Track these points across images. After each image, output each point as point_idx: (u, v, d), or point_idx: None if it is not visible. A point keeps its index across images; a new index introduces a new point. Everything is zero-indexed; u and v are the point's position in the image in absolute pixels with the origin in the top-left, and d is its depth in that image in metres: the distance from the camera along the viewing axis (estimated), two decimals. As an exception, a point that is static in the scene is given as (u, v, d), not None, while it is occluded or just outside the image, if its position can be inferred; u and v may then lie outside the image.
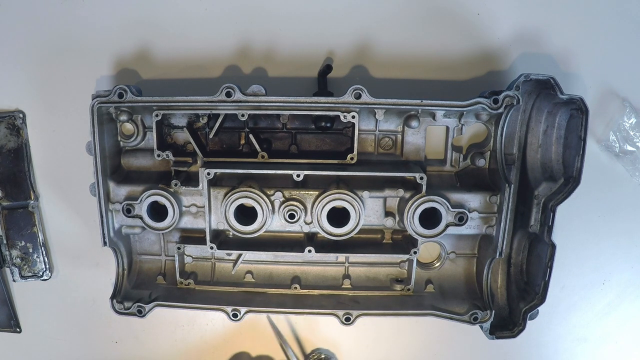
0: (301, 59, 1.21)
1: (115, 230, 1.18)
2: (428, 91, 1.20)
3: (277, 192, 1.15)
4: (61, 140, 1.29)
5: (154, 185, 1.15)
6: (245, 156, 1.18)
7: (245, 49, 1.22)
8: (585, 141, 1.09)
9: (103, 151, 1.13)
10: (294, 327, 1.37)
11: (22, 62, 1.26)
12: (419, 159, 1.21)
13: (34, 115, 1.28)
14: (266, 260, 1.28)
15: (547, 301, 1.15)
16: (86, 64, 1.24)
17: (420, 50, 1.22)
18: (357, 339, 1.37)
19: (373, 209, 1.18)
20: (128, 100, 1.08)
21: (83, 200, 1.29)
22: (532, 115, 1.19)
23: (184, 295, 1.22)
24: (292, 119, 1.19)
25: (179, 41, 1.22)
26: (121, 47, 1.23)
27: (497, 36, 1.22)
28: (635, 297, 1.35)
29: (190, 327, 1.38)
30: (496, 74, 1.22)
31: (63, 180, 1.31)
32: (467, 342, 1.35)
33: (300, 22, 1.21)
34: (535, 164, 1.20)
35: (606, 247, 1.32)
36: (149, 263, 1.29)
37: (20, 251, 1.32)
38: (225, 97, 1.07)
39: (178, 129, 1.19)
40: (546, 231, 1.14)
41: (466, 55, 1.22)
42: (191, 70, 1.22)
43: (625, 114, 1.24)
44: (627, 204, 1.29)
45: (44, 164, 1.30)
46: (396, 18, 1.21)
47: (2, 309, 1.35)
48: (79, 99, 1.24)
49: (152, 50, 1.23)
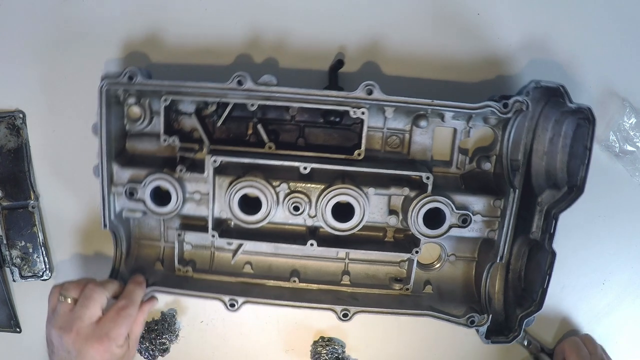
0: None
1: (116, 213, 1.17)
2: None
3: (282, 184, 1.15)
4: (61, 140, 1.29)
5: (158, 169, 1.14)
6: (252, 146, 1.17)
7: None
8: (591, 151, 1.10)
9: (109, 133, 1.11)
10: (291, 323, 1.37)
11: (22, 62, 1.25)
12: (426, 159, 1.21)
13: (34, 115, 1.28)
14: (266, 252, 1.28)
15: (547, 301, 1.15)
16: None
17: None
18: (355, 337, 1.37)
19: (377, 206, 1.18)
20: (138, 83, 1.07)
21: (83, 201, 1.30)
22: (539, 123, 1.19)
23: (181, 283, 1.22)
24: (301, 112, 1.19)
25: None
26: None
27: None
28: (635, 297, 1.35)
29: (191, 328, 1.38)
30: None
31: (63, 180, 1.31)
32: (464, 343, 1.35)
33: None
34: (540, 171, 1.20)
35: (606, 247, 1.32)
36: (147, 248, 1.28)
37: (20, 251, 1.31)
38: (237, 85, 1.06)
39: (186, 115, 1.19)
40: (547, 238, 1.14)
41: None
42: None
43: (625, 114, 1.24)
44: (627, 204, 1.30)
45: (44, 164, 1.30)
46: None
47: (2, 309, 1.35)
48: (79, 98, 1.24)
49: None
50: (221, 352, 1.39)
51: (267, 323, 1.37)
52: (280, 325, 1.37)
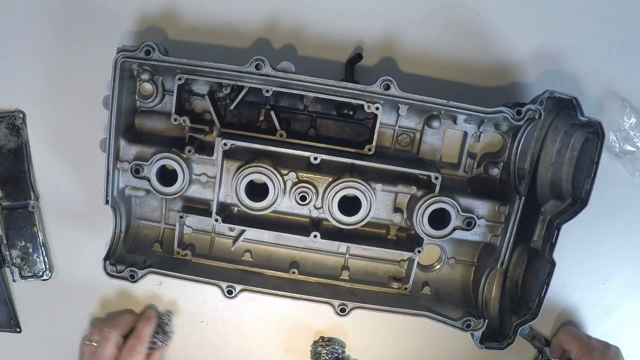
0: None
1: (119, 189, 1.15)
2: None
3: (290, 173, 1.14)
4: (61, 140, 1.28)
5: (166, 148, 1.13)
6: (263, 133, 1.16)
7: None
8: (597, 165, 1.10)
9: (119, 107, 1.10)
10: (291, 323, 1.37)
11: (23, 62, 1.24)
12: (435, 159, 1.21)
13: (34, 115, 1.27)
14: (267, 241, 1.27)
15: (547, 301, 1.16)
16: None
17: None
18: (355, 337, 1.37)
19: (383, 202, 1.18)
20: (154, 59, 1.05)
21: (83, 200, 1.29)
22: (548, 134, 1.20)
23: (179, 266, 1.20)
24: (315, 102, 1.18)
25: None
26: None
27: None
28: (635, 297, 1.36)
29: (191, 328, 1.36)
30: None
31: (63, 180, 1.30)
32: (461, 346, 1.36)
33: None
34: (545, 182, 1.21)
35: (606, 247, 1.33)
36: (146, 229, 1.26)
37: (20, 251, 1.30)
38: (255, 70, 1.05)
39: (198, 96, 1.17)
40: (548, 248, 1.15)
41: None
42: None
43: (625, 114, 1.25)
44: (627, 204, 1.31)
45: (44, 164, 1.29)
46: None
47: (2, 309, 1.34)
48: (80, 98, 1.24)
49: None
50: (221, 352, 1.38)
51: (267, 323, 1.36)
52: (280, 325, 1.36)
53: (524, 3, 1.22)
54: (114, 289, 1.35)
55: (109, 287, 1.35)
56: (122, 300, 1.35)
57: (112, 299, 1.36)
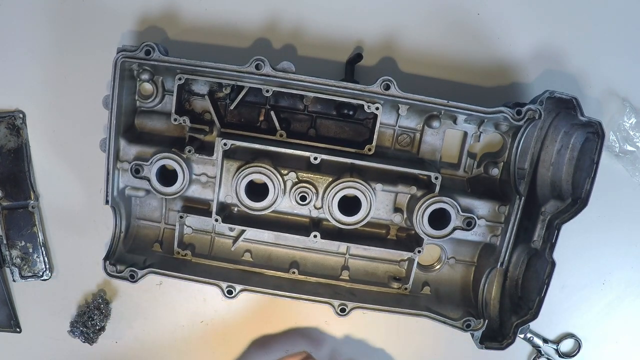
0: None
1: (119, 190, 1.15)
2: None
3: (290, 173, 1.14)
4: (61, 140, 1.28)
5: (166, 148, 1.13)
6: (263, 133, 1.16)
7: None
8: (597, 165, 1.10)
9: (119, 107, 1.10)
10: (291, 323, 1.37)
11: (23, 62, 1.25)
12: (434, 159, 1.21)
13: (34, 115, 1.27)
14: (267, 241, 1.27)
15: (547, 301, 1.15)
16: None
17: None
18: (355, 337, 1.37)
19: (383, 202, 1.18)
20: (154, 59, 1.06)
21: (83, 200, 1.29)
22: (548, 134, 1.20)
23: (179, 266, 1.20)
24: (315, 102, 1.18)
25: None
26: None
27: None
28: (635, 297, 1.36)
29: (191, 327, 1.36)
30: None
31: (63, 181, 1.30)
32: (462, 347, 1.35)
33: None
34: (545, 182, 1.21)
35: (606, 247, 1.33)
36: (146, 229, 1.26)
37: (20, 251, 1.31)
38: (255, 70, 1.05)
39: (198, 96, 1.17)
40: (548, 248, 1.15)
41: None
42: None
43: (625, 114, 1.25)
44: (627, 203, 1.31)
45: (44, 164, 1.29)
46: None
47: (2, 309, 1.33)
48: (80, 98, 1.24)
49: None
50: (221, 352, 1.38)
51: (267, 323, 1.36)
52: (279, 325, 1.36)
53: (523, 3, 1.22)
54: (114, 289, 1.35)
55: (109, 287, 1.35)
56: (122, 300, 1.35)
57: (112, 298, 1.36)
